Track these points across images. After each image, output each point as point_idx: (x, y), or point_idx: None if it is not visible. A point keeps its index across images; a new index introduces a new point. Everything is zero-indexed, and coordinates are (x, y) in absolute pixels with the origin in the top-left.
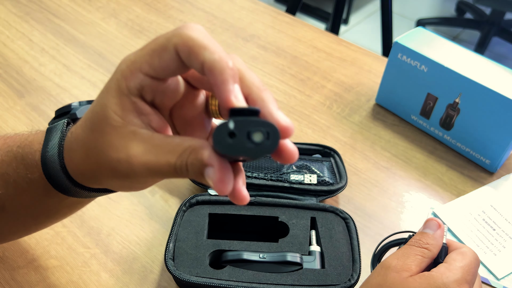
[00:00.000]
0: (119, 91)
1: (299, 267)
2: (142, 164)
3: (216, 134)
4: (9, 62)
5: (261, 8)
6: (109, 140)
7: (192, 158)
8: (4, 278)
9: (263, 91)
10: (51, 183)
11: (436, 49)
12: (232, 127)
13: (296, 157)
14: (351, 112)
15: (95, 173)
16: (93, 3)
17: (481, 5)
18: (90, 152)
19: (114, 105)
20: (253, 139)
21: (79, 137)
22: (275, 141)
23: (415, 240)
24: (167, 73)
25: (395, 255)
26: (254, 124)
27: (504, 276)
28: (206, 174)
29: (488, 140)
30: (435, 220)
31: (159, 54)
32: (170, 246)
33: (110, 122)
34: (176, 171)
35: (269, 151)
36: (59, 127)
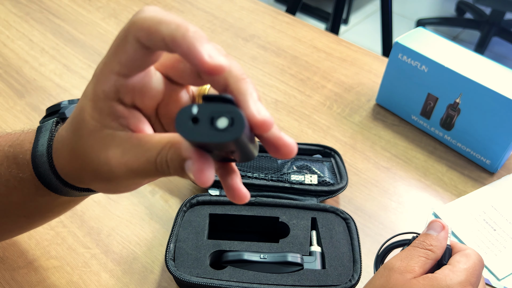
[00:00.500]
0: (95, 95)
1: (299, 268)
2: (122, 165)
3: (179, 118)
4: (9, 62)
5: (261, 8)
6: (88, 143)
7: (171, 153)
8: (4, 278)
9: (241, 81)
10: (42, 182)
11: (436, 49)
12: (195, 111)
13: (295, 151)
14: (351, 112)
15: (80, 175)
16: (93, 3)
17: (481, 5)
18: (73, 155)
19: (90, 109)
20: (216, 125)
21: (63, 138)
22: (240, 128)
23: (419, 241)
24: (138, 65)
25: (399, 256)
26: (218, 109)
27: (505, 277)
28: (186, 168)
29: (489, 140)
30: (439, 222)
31: (123, 49)
32: (170, 247)
33: (87, 126)
34: (157, 168)
35: (232, 138)
36: (48, 126)
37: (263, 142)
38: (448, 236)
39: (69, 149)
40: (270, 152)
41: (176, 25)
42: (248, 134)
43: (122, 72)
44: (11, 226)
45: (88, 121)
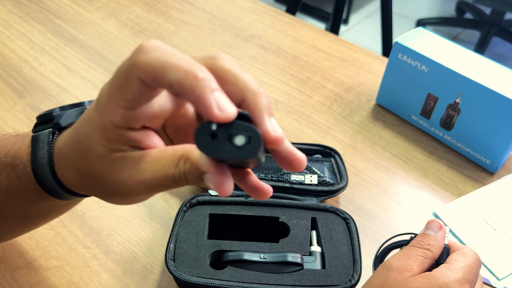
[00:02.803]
0: (103, 125)
1: (299, 268)
2: (139, 183)
3: (198, 133)
4: (9, 62)
5: (261, 8)
6: (99, 168)
7: (188, 167)
8: (4, 278)
9: (258, 96)
10: (46, 191)
11: (436, 49)
12: (214, 128)
13: (305, 165)
14: (352, 112)
15: (92, 192)
16: (93, 3)
17: (481, 5)
18: (82, 176)
19: (98, 137)
20: (234, 142)
21: (67, 158)
22: (257, 147)
23: (417, 241)
24: (144, 99)
25: (397, 255)
26: (237, 127)
27: (505, 277)
28: (206, 180)
29: (489, 140)
30: (437, 222)
31: (127, 88)
32: (170, 247)
33: (95, 152)
34: (176, 181)
35: (249, 156)
36: (44, 138)
37: (275, 156)
38: (445, 235)
39: (76, 171)
40: (282, 165)
41: (184, 72)
42: (262, 150)
43: (128, 107)
44: (13, 228)
45: (95, 147)
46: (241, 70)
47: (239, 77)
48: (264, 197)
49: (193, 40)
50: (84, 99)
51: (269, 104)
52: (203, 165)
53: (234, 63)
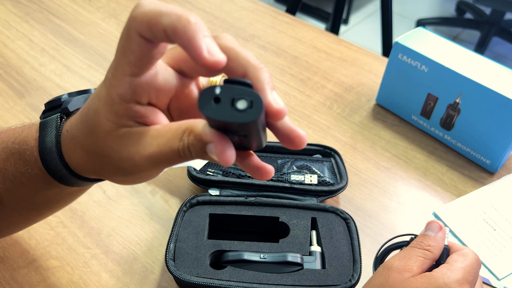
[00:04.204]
0: (110, 99)
1: (299, 268)
2: (145, 158)
3: (202, 97)
4: (9, 62)
5: (261, 8)
6: (107, 144)
7: (191, 139)
8: (4, 278)
9: (259, 70)
10: (53, 176)
11: (436, 49)
12: (217, 92)
13: (306, 142)
14: (352, 112)
15: (99, 172)
16: (93, 3)
17: (481, 5)
18: (90, 154)
19: (106, 113)
20: (236, 106)
21: (76, 137)
22: (259, 111)
23: (417, 242)
24: (146, 61)
25: (397, 256)
26: (239, 92)
27: (505, 276)
28: (208, 151)
29: (489, 140)
30: (437, 223)
31: (129, 48)
32: (170, 247)
33: (103, 127)
34: (180, 155)
35: (251, 119)
36: (52, 122)
37: (277, 133)
38: (445, 236)
39: (84, 149)
40: (283, 143)
41: (177, 15)
42: (263, 121)
43: (134, 72)
44: (19, 219)
45: (103, 123)
46: (243, 47)
47: (241, 53)
48: (267, 177)
49: None
50: None
51: (271, 78)
52: (206, 135)
53: (236, 41)
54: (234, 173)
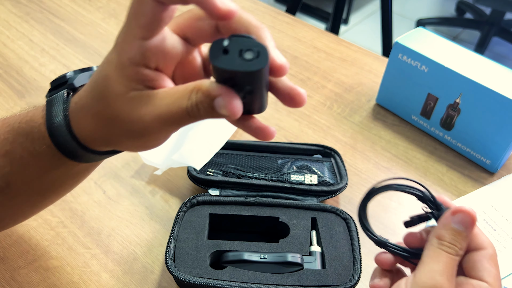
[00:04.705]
0: (121, 63)
1: (299, 268)
2: (155, 118)
3: (212, 49)
4: (9, 62)
5: (261, 8)
6: (117, 107)
7: (199, 96)
8: (4, 278)
9: (261, 29)
10: (62, 151)
11: (436, 49)
12: (226, 44)
13: (305, 100)
14: (352, 112)
15: (108, 138)
16: (93, 3)
17: (481, 5)
18: (100, 120)
19: (116, 76)
20: (244, 56)
21: (85, 106)
22: (265, 60)
23: (451, 245)
24: (157, 24)
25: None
26: (246, 44)
27: (505, 277)
28: (216, 105)
29: (489, 140)
30: (469, 214)
31: (141, 11)
32: (170, 247)
33: (114, 91)
34: (189, 113)
35: (258, 67)
36: (59, 97)
37: (278, 93)
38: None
39: (94, 116)
40: (284, 102)
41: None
42: (267, 77)
43: (144, 36)
44: (25, 205)
45: (114, 87)
46: (244, 11)
47: (243, 14)
48: (270, 138)
49: None
50: None
51: (272, 37)
52: (213, 89)
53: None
54: (234, 173)
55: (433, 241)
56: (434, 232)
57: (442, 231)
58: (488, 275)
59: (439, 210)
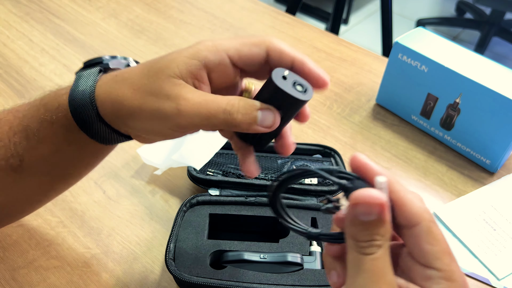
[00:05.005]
0: (194, 56)
1: (299, 268)
2: (190, 103)
3: (275, 72)
4: (9, 62)
5: (261, 8)
6: (161, 85)
7: (243, 103)
8: (4, 278)
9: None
10: (76, 119)
11: (436, 49)
12: (286, 73)
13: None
14: (351, 112)
15: (133, 113)
16: (93, 3)
17: (481, 5)
18: (136, 92)
19: (182, 63)
20: (295, 87)
21: (127, 79)
22: (309, 95)
23: (370, 242)
24: (247, 62)
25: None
26: (300, 79)
27: (505, 276)
28: (259, 116)
29: (489, 140)
30: (373, 201)
31: (250, 47)
32: (170, 247)
33: (169, 73)
34: (224, 113)
35: (302, 99)
36: (92, 72)
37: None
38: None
39: (133, 87)
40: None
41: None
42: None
43: (232, 58)
44: (34, 187)
45: (173, 70)
46: (288, 46)
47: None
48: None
49: (193, 40)
50: None
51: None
52: (259, 103)
53: (282, 42)
54: (234, 173)
55: (350, 242)
56: (346, 229)
57: (353, 229)
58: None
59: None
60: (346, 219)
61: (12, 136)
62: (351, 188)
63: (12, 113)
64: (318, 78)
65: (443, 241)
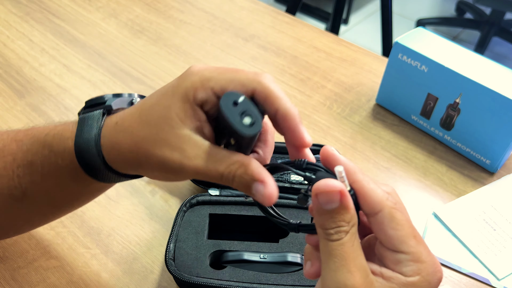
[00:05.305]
0: (186, 98)
1: (299, 268)
2: (192, 165)
3: (226, 95)
4: (9, 62)
5: (261, 8)
6: (166, 138)
7: (241, 172)
8: (4, 278)
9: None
10: (84, 167)
11: (436, 49)
12: (240, 100)
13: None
14: (351, 112)
15: (141, 164)
16: (93, 3)
17: (481, 5)
18: (140, 145)
19: (178, 109)
20: (242, 118)
21: (128, 129)
22: (254, 130)
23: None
24: None
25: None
26: (252, 111)
27: (505, 277)
28: (254, 188)
29: (489, 140)
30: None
31: (236, 86)
32: (170, 247)
33: (171, 122)
34: (222, 179)
35: (242, 132)
36: (95, 116)
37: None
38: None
39: (136, 139)
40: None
41: (290, 106)
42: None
43: (218, 94)
44: (35, 215)
45: (173, 118)
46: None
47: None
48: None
49: (193, 40)
50: (84, 99)
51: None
52: (259, 174)
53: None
54: None
55: (319, 231)
56: (315, 219)
57: (319, 219)
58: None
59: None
60: (313, 209)
61: (16, 169)
62: (314, 179)
63: (16, 142)
64: (297, 138)
65: (407, 225)
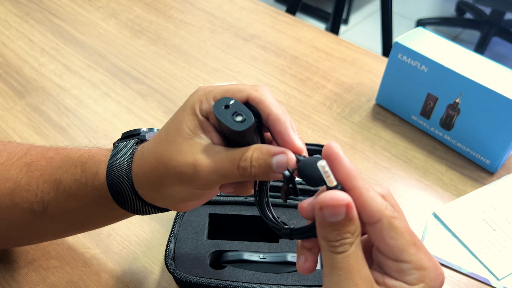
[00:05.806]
0: (193, 111)
1: None
2: (206, 166)
3: (218, 101)
4: (9, 62)
5: (261, 8)
6: (179, 148)
7: (257, 154)
8: (4, 278)
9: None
10: (112, 190)
11: (436, 49)
12: (231, 103)
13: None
14: (351, 112)
15: (161, 178)
16: (93, 3)
17: (481, 5)
18: (159, 159)
19: (188, 121)
20: (234, 117)
21: (151, 148)
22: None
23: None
24: None
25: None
26: (242, 110)
27: (505, 277)
28: (275, 162)
29: (489, 140)
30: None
31: (233, 94)
32: (170, 247)
33: (182, 134)
34: (239, 169)
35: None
36: (129, 144)
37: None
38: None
39: (156, 155)
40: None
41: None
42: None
43: None
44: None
45: (184, 130)
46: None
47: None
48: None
49: (193, 40)
50: (84, 99)
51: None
52: (275, 148)
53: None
54: None
55: (322, 243)
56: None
57: (322, 231)
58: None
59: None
60: (317, 222)
61: (42, 184)
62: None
63: (45, 159)
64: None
65: (407, 233)
